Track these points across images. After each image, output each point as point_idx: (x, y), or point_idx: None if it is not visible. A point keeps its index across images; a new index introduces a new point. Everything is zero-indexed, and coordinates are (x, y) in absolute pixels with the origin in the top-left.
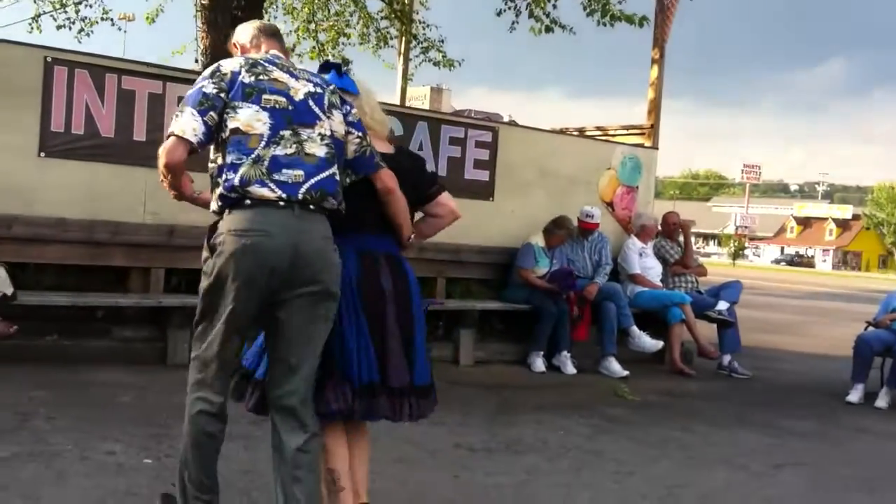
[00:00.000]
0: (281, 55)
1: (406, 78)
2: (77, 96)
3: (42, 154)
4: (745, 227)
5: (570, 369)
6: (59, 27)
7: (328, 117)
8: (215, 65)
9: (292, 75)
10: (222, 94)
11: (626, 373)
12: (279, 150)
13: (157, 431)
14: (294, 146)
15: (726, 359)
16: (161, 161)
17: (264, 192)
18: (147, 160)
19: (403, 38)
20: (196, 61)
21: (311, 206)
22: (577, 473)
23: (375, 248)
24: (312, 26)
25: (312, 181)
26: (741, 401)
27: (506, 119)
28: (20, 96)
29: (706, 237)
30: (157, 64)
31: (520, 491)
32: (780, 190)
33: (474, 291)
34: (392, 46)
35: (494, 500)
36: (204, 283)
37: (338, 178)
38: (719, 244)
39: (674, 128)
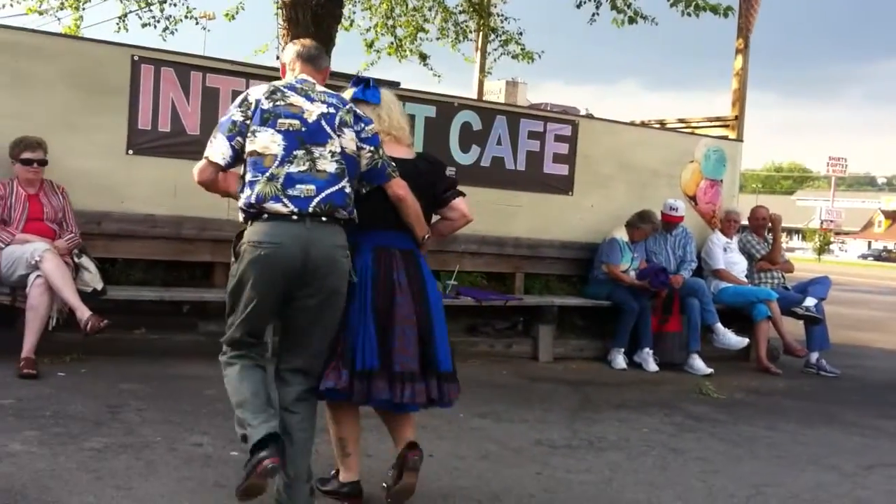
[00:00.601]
0: (308, 78)
1: (483, 72)
2: (163, 94)
3: (130, 152)
4: (831, 221)
5: (652, 366)
6: (143, 25)
7: (339, 136)
8: (244, 93)
9: (308, 98)
10: (247, 121)
11: (710, 370)
12: (293, 168)
13: None
14: (307, 163)
15: (814, 356)
16: (195, 179)
17: (278, 207)
18: None
19: (481, 32)
20: (277, 58)
21: (323, 218)
22: (662, 471)
23: (391, 243)
24: (391, 22)
25: (323, 195)
26: (830, 399)
27: (583, 112)
28: (109, 95)
29: (790, 232)
30: (239, 62)
31: (604, 488)
32: (866, 183)
33: (553, 287)
34: (470, 40)
35: (578, 496)
36: (229, 283)
37: (347, 190)
38: (803, 239)
39: (756, 120)
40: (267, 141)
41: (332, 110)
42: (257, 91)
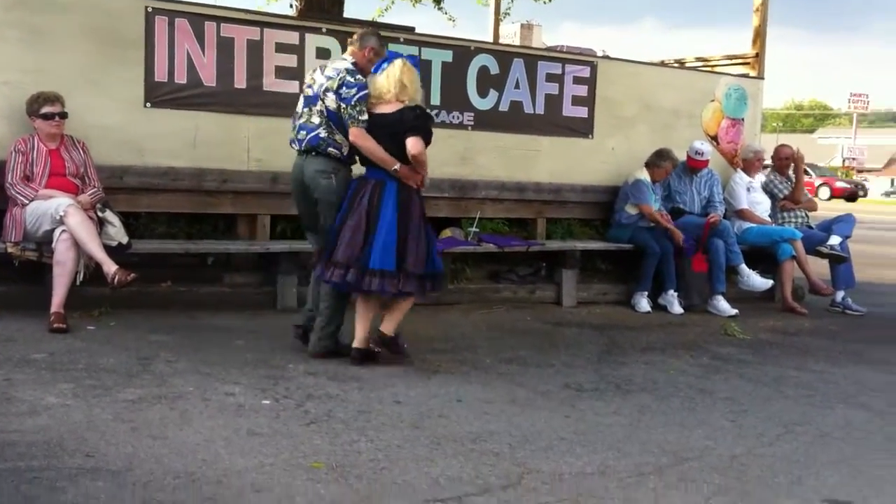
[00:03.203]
0: (343, 57)
1: (499, 14)
2: (178, 45)
3: (148, 104)
4: (853, 158)
5: (677, 309)
6: None
7: (323, 99)
8: None
9: (322, 72)
10: None
11: (735, 311)
12: (300, 121)
13: (272, 373)
14: (305, 117)
15: (840, 295)
16: None
17: (294, 146)
18: (248, 108)
19: None
20: (290, 6)
21: (312, 153)
22: (691, 412)
23: (369, 176)
24: None
25: (307, 138)
26: (857, 338)
27: (600, 54)
28: (124, 48)
29: (810, 170)
30: (253, 10)
31: (633, 429)
32: (890, 119)
33: (576, 231)
34: None
35: (607, 437)
36: None
37: (323, 135)
38: None
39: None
40: (298, 104)
41: (327, 82)
42: None
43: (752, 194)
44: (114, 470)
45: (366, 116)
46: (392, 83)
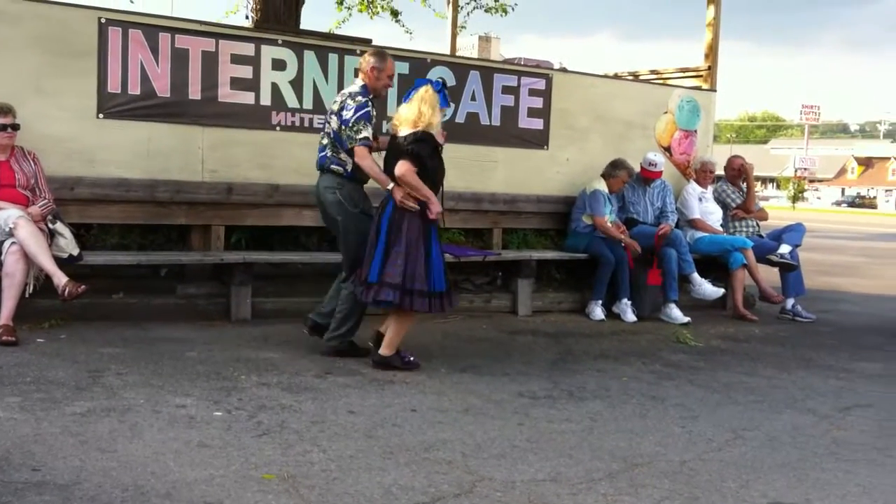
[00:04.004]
0: (357, 80)
1: (456, 26)
2: (132, 56)
3: (100, 115)
4: (805, 168)
5: (631, 317)
6: None
7: (328, 122)
8: None
9: (338, 97)
10: None
11: (687, 319)
12: (320, 142)
13: (225, 385)
14: (321, 138)
15: (790, 302)
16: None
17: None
18: (203, 119)
19: None
20: (246, 17)
21: (321, 171)
22: (642, 419)
23: (385, 193)
24: None
25: (318, 157)
26: (806, 344)
27: (557, 66)
28: (77, 58)
29: (765, 180)
30: (208, 21)
31: (585, 436)
32: (840, 130)
33: (531, 241)
34: None
35: (560, 444)
36: None
37: (329, 153)
38: (778, 187)
39: (730, 70)
40: None
41: (334, 105)
42: None
43: (704, 204)
44: (61, 484)
45: (364, 135)
46: (412, 110)
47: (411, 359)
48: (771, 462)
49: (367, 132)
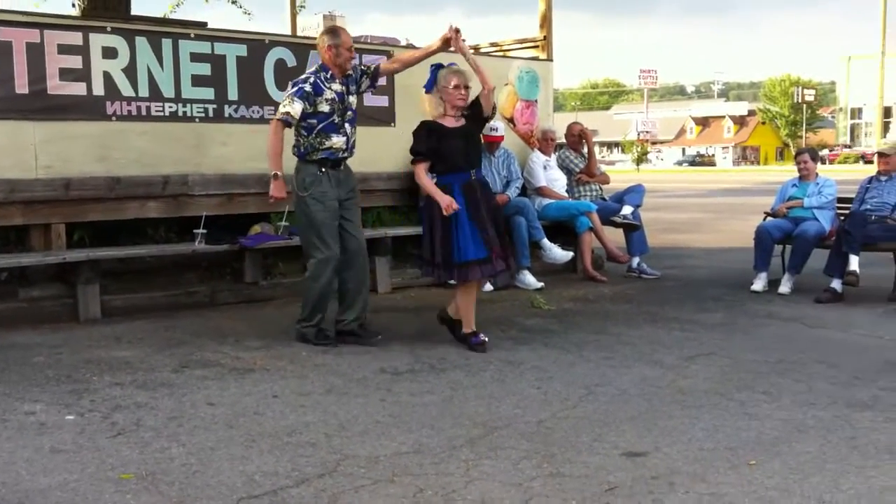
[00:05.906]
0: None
1: (295, 6)
2: None
3: None
4: (647, 131)
5: (487, 286)
6: None
7: None
8: None
9: None
10: None
11: (540, 284)
12: None
13: (76, 387)
14: None
15: (635, 261)
16: None
17: None
18: (33, 113)
19: None
20: (73, 6)
21: None
22: (501, 384)
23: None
24: None
25: None
26: (652, 300)
27: (403, 43)
28: None
29: (609, 145)
30: (31, 11)
31: (446, 406)
32: (677, 92)
33: (385, 218)
34: None
35: (422, 416)
36: None
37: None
38: (623, 151)
39: (573, 41)
40: None
41: None
42: None
43: (549, 172)
44: None
45: (287, 110)
46: (428, 101)
47: (483, 338)
48: (622, 415)
49: (290, 108)
